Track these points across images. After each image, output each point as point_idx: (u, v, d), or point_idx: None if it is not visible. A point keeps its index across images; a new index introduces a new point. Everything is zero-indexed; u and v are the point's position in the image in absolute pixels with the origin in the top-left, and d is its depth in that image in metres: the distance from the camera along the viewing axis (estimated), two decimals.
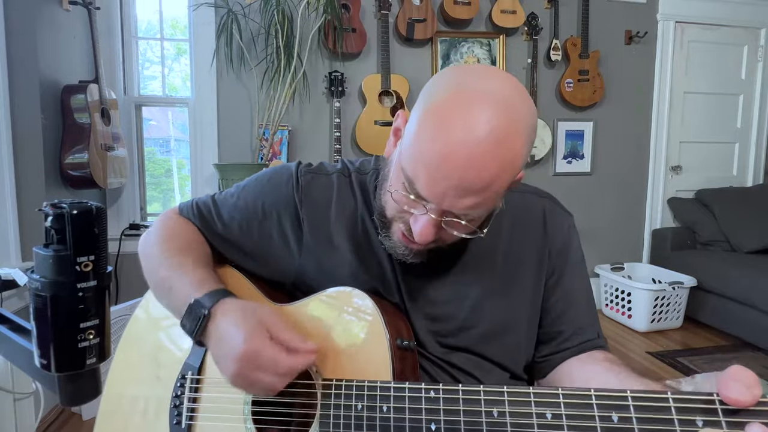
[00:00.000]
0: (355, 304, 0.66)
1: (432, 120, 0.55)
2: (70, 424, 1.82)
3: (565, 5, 2.92)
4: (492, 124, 0.52)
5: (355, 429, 0.58)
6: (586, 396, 0.47)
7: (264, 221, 0.75)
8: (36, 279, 0.53)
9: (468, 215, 0.57)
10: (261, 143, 2.54)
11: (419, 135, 0.56)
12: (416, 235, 0.59)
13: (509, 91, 0.55)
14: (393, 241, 0.65)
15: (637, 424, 0.44)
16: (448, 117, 0.54)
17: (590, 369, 0.69)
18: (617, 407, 0.45)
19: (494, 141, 0.52)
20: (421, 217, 0.58)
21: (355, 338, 0.64)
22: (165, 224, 0.77)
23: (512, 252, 0.73)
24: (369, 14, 2.72)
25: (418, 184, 0.56)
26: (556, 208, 0.78)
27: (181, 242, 0.73)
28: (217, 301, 0.60)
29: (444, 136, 0.53)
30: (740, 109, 3.27)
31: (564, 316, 0.74)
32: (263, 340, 0.55)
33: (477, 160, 0.52)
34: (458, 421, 0.52)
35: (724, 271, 2.69)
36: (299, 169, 0.77)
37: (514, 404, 0.50)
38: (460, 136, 0.52)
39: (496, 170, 0.53)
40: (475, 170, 0.53)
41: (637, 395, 0.45)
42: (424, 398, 0.54)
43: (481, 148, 0.52)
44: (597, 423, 0.46)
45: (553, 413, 0.48)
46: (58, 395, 0.58)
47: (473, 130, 0.52)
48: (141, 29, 2.68)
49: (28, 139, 1.80)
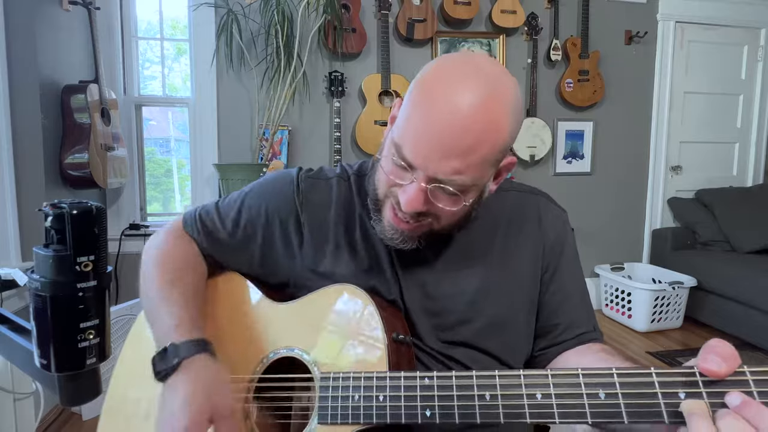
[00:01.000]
0: (352, 299, 0.67)
1: (418, 92, 0.59)
2: (70, 424, 1.82)
3: (565, 5, 2.92)
4: (474, 91, 0.56)
5: (352, 419, 0.59)
6: (574, 375, 0.49)
7: (267, 225, 0.77)
8: (36, 279, 0.53)
9: (453, 181, 0.58)
10: (261, 143, 2.54)
11: (407, 107, 0.60)
12: (404, 204, 0.60)
13: (491, 66, 0.59)
14: (383, 225, 0.67)
15: (622, 399, 0.46)
16: (433, 87, 0.58)
17: (586, 360, 0.70)
18: (604, 384, 0.48)
19: (476, 105, 0.55)
20: (409, 186, 0.60)
21: (351, 333, 0.65)
22: (166, 242, 0.78)
23: (509, 248, 0.75)
24: (369, 14, 2.72)
25: (404, 149, 0.59)
26: (550, 204, 0.80)
27: (174, 267, 0.74)
28: (186, 357, 0.59)
29: (428, 104, 0.57)
30: (740, 109, 3.27)
31: (559, 309, 0.75)
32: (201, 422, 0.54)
33: (458, 122, 0.55)
34: (452, 406, 0.54)
35: (724, 271, 2.69)
36: (300, 174, 0.79)
37: (505, 387, 0.52)
38: (443, 101, 0.56)
39: (478, 133, 0.56)
40: (457, 132, 0.56)
41: (622, 372, 0.47)
42: (419, 386, 0.56)
43: (463, 112, 0.55)
44: (585, 400, 0.48)
45: (543, 393, 0.50)
46: (58, 395, 0.58)
47: (455, 96, 0.56)
48: (141, 29, 2.68)
49: (28, 139, 1.80)
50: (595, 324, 0.76)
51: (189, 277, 0.74)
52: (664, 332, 2.78)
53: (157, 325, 0.67)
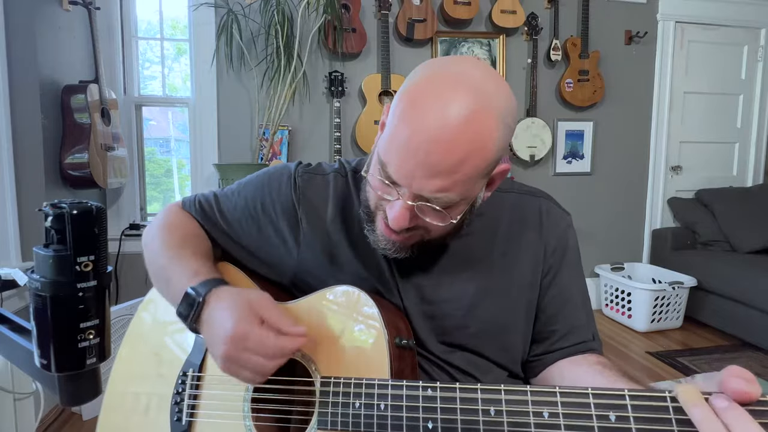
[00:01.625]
0: (354, 302, 0.66)
1: (404, 104, 0.56)
2: (70, 424, 1.82)
3: (565, 5, 2.92)
4: (461, 106, 0.53)
5: (352, 427, 0.58)
6: (584, 395, 0.47)
7: (263, 220, 0.76)
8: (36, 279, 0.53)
9: (439, 199, 0.57)
10: (261, 143, 2.54)
11: (392, 120, 0.57)
12: (391, 221, 0.59)
13: (481, 75, 0.56)
14: (376, 234, 0.65)
15: (634, 424, 0.44)
16: (419, 100, 0.55)
17: (581, 371, 0.69)
18: (615, 407, 0.45)
19: (462, 121, 0.53)
20: (396, 202, 0.59)
21: (353, 337, 0.64)
22: (167, 216, 0.79)
23: (509, 251, 0.73)
24: (369, 14, 2.72)
25: (390, 168, 0.57)
26: (552, 207, 0.77)
27: (181, 233, 0.74)
28: (211, 289, 0.61)
29: (414, 118, 0.54)
30: (740, 109, 3.27)
31: (559, 314, 0.74)
32: (252, 323, 0.56)
33: (444, 139, 0.53)
34: (455, 420, 0.52)
35: (724, 271, 2.69)
36: (297, 169, 0.78)
37: (511, 403, 0.50)
38: (429, 116, 0.53)
39: (464, 151, 0.53)
40: (442, 149, 0.53)
41: (635, 394, 0.45)
42: (422, 396, 0.54)
43: (449, 129, 0.53)
44: (594, 422, 0.46)
45: (551, 412, 0.48)
46: (58, 395, 0.58)
47: (442, 111, 0.53)
48: (141, 29, 2.67)
49: (28, 139, 1.80)
50: (595, 332, 0.75)
51: (197, 241, 0.74)
52: (664, 332, 2.78)
53: (172, 283, 0.66)
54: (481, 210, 0.71)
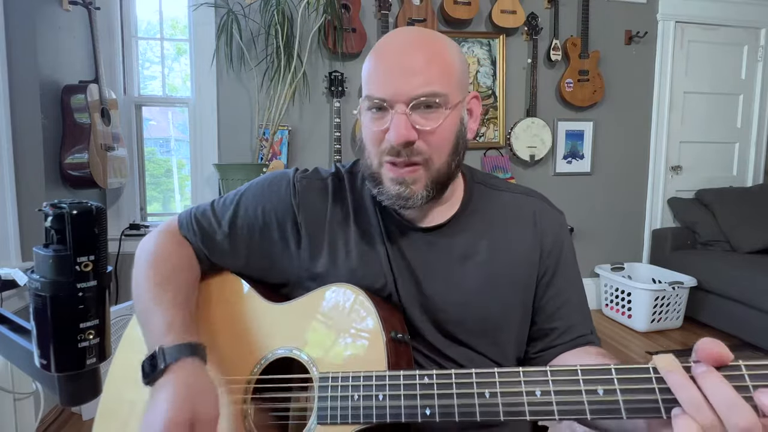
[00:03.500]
0: (350, 298, 0.67)
1: (372, 51, 0.69)
2: (70, 424, 1.82)
3: (565, 5, 2.92)
4: (413, 30, 0.69)
5: (352, 419, 0.59)
6: (573, 372, 0.50)
7: (264, 226, 0.77)
8: (36, 279, 0.53)
9: (425, 92, 0.63)
10: (261, 143, 2.54)
11: (366, 66, 0.68)
12: (395, 138, 0.63)
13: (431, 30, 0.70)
14: (386, 187, 0.68)
15: (621, 396, 0.47)
16: (382, 41, 0.69)
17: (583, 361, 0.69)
18: (602, 381, 0.48)
19: (418, 33, 0.67)
20: (393, 119, 0.64)
21: (350, 332, 0.65)
22: (158, 244, 0.77)
23: (502, 250, 0.74)
24: (369, 14, 2.72)
25: (376, 91, 0.65)
26: (546, 206, 0.79)
27: (169, 267, 0.73)
28: (177, 359, 0.59)
29: (381, 48, 0.67)
30: (740, 109, 3.27)
31: (557, 313, 0.75)
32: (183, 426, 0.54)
33: (409, 45, 0.65)
34: (452, 405, 0.54)
35: (724, 271, 2.69)
36: (296, 174, 0.79)
37: (504, 385, 0.52)
38: (393, 41, 0.67)
39: (429, 52, 0.64)
40: (412, 51, 0.64)
41: (620, 367, 0.48)
42: (419, 384, 0.56)
43: (410, 39, 0.66)
44: (584, 397, 0.48)
45: (542, 390, 0.50)
46: (58, 395, 0.59)
47: (402, 33, 0.68)
48: (141, 29, 2.67)
49: (28, 139, 1.80)
50: (593, 327, 0.76)
51: (182, 278, 0.73)
52: (664, 332, 2.78)
53: (148, 327, 0.65)
54: (476, 207, 0.75)
